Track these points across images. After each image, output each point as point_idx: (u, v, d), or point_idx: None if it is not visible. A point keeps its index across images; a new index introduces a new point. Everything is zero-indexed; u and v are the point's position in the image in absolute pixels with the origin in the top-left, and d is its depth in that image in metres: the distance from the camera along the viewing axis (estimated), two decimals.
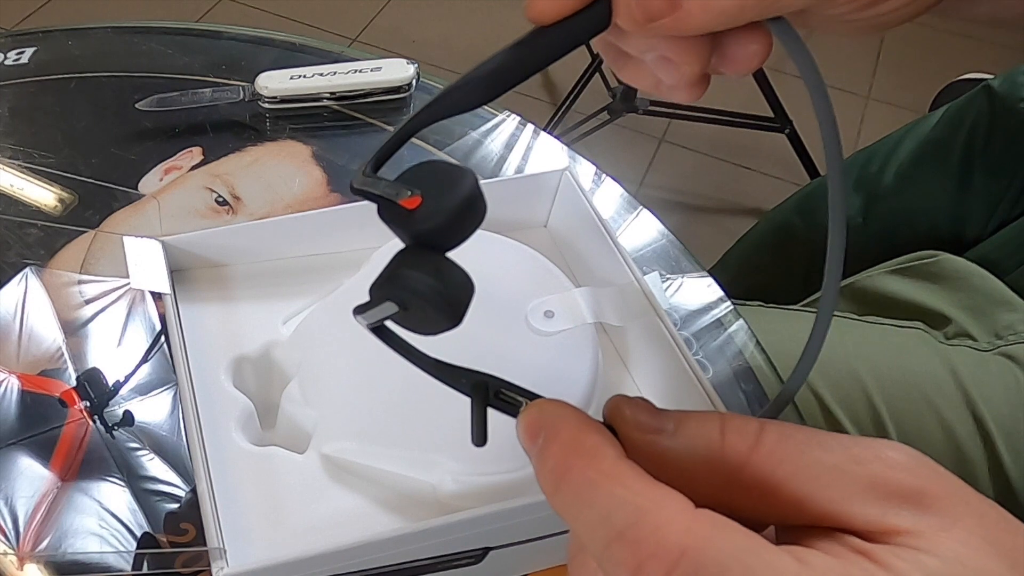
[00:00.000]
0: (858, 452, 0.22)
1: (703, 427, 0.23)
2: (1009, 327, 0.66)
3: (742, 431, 0.22)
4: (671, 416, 0.23)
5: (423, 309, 0.25)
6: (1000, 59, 1.77)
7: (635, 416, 0.24)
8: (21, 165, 0.62)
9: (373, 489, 0.41)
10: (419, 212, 0.24)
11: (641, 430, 0.23)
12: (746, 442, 0.22)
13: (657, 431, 0.23)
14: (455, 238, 0.25)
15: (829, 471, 0.21)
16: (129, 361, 0.51)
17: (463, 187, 0.25)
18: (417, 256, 0.25)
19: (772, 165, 1.61)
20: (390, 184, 0.25)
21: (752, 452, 0.22)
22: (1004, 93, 0.76)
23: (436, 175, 0.25)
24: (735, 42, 0.27)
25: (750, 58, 0.27)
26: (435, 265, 0.25)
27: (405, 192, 0.25)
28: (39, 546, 0.44)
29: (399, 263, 0.26)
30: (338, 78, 0.66)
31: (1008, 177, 0.76)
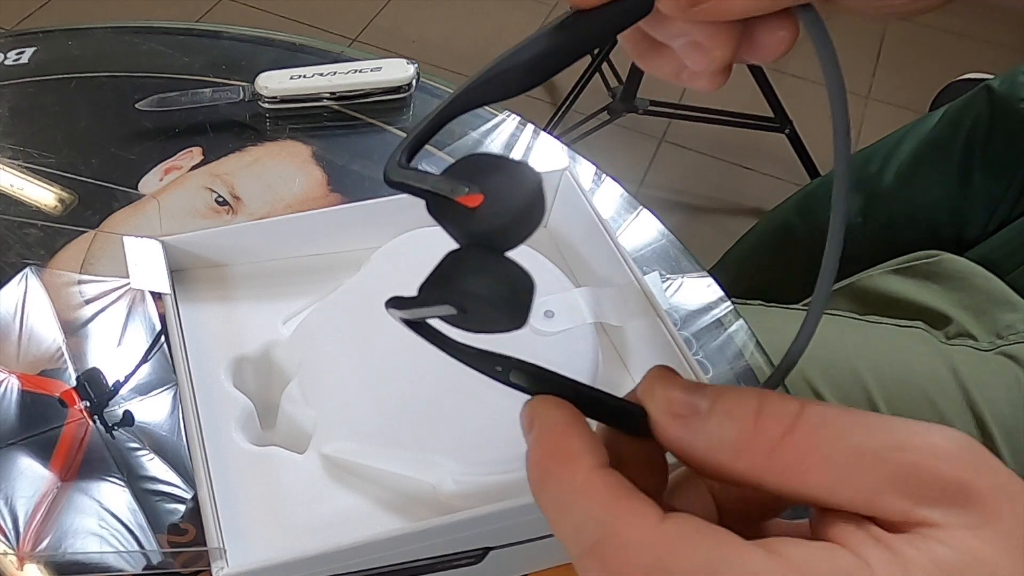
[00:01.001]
0: (903, 438, 0.21)
1: (737, 407, 0.22)
2: (1010, 327, 0.66)
3: (778, 414, 0.22)
4: (706, 393, 0.23)
5: (485, 312, 0.24)
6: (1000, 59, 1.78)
7: (667, 394, 0.23)
8: (21, 165, 0.62)
9: (373, 489, 0.41)
10: (481, 211, 0.22)
11: (671, 412, 0.23)
12: (781, 425, 0.21)
13: (688, 413, 0.22)
14: (518, 239, 0.23)
15: (865, 458, 0.21)
16: (129, 361, 0.51)
17: (528, 184, 0.23)
18: (477, 257, 0.24)
19: (772, 165, 1.61)
20: (441, 179, 0.23)
21: (786, 436, 0.21)
22: (1004, 93, 0.76)
23: (494, 170, 0.23)
24: (765, 28, 0.27)
25: (777, 44, 0.27)
26: (498, 267, 0.24)
27: (462, 188, 0.23)
28: (39, 546, 0.44)
29: (456, 264, 0.24)
30: (338, 78, 0.66)
31: (1008, 177, 0.76)
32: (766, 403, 0.22)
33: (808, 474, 0.21)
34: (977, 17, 1.93)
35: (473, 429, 0.41)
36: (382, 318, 0.44)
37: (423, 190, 0.23)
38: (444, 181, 0.23)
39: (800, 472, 0.21)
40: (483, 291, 0.23)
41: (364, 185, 0.62)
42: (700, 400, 0.23)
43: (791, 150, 1.53)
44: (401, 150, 0.25)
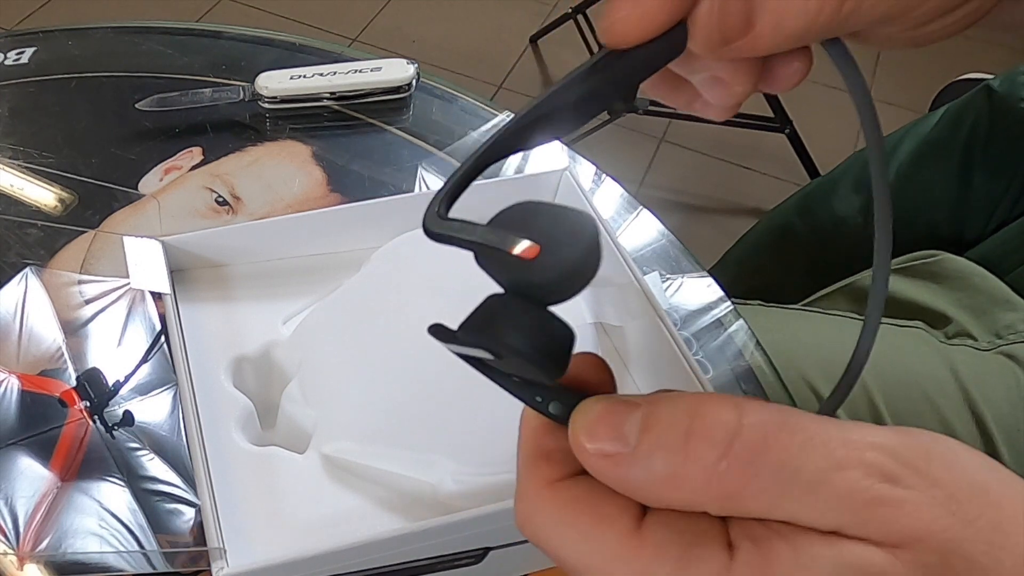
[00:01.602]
0: (843, 455, 0.20)
1: (666, 435, 0.21)
2: (1009, 326, 0.66)
3: (711, 438, 0.20)
4: (635, 421, 0.21)
5: (521, 364, 0.23)
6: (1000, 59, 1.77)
7: (592, 441, 0.22)
8: (21, 165, 0.62)
9: (373, 489, 0.41)
10: (538, 264, 0.21)
11: (600, 456, 0.22)
12: (714, 451, 0.20)
13: (617, 450, 0.21)
14: (571, 292, 0.23)
15: (805, 487, 0.20)
16: (129, 361, 0.51)
17: (586, 236, 0.22)
18: (519, 308, 0.23)
19: (772, 165, 1.61)
20: (489, 230, 0.22)
21: (720, 462, 0.20)
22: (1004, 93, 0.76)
23: (548, 219, 0.22)
24: (782, 61, 0.27)
25: (792, 76, 0.27)
26: (540, 320, 0.23)
27: (516, 240, 0.22)
28: (39, 546, 0.44)
29: (499, 312, 0.23)
30: (338, 78, 0.66)
31: (1008, 177, 0.76)
32: (696, 425, 0.21)
33: (746, 502, 0.20)
34: None
35: (473, 429, 0.41)
36: (382, 318, 0.44)
37: (472, 242, 0.23)
38: (492, 232, 0.22)
39: (738, 500, 0.21)
40: (523, 346, 0.23)
41: (364, 185, 0.62)
42: (629, 432, 0.21)
43: (791, 150, 1.53)
44: (439, 200, 0.24)
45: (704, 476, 0.20)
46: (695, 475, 0.20)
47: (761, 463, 0.20)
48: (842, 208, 0.84)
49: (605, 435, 0.22)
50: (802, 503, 0.20)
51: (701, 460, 0.20)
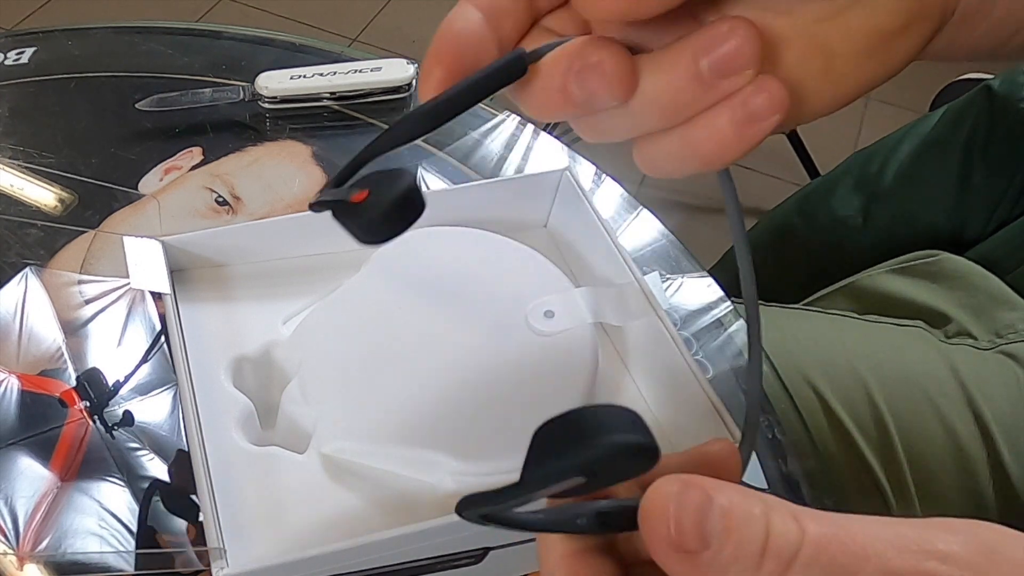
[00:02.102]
0: (898, 565, 0.20)
1: (744, 545, 0.21)
2: (1009, 326, 0.66)
3: (781, 550, 0.21)
4: (715, 524, 0.21)
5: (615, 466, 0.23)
6: None
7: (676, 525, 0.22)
8: (21, 165, 0.62)
9: (373, 489, 0.41)
10: (367, 203, 0.27)
11: (675, 545, 0.21)
12: (781, 563, 0.21)
13: (695, 548, 0.21)
14: (401, 225, 0.27)
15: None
16: (129, 361, 0.51)
17: (404, 182, 0.27)
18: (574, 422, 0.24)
19: (772, 165, 1.61)
20: (340, 190, 0.28)
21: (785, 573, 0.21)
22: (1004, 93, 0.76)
23: (380, 176, 0.28)
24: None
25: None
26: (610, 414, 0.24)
27: (352, 191, 0.27)
28: (39, 546, 0.44)
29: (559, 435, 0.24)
30: (338, 78, 0.66)
31: (1008, 177, 0.76)
32: (771, 537, 0.21)
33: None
34: None
35: (473, 429, 0.41)
36: (382, 318, 0.44)
37: (328, 202, 0.28)
38: (341, 192, 0.28)
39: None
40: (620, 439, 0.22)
41: None
42: (711, 531, 0.21)
43: (791, 150, 1.53)
44: (325, 184, 0.29)
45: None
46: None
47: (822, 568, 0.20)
48: (842, 208, 0.84)
49: (690, 528, 0.21)
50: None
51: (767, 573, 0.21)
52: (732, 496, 0.21)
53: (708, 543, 0.21)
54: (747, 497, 0.21)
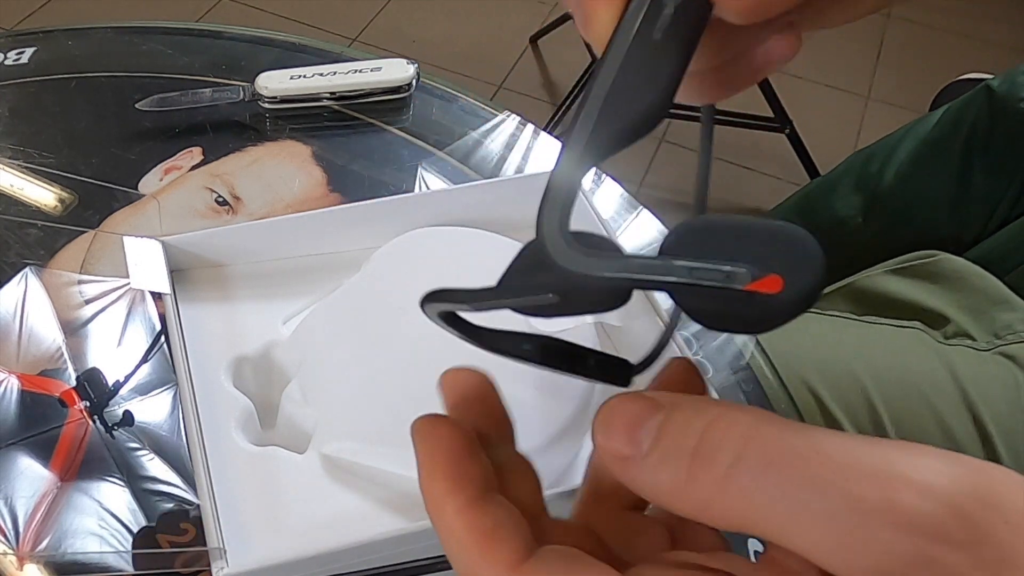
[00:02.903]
0: (863, 491, 0.17)
1: (675, 447, 0.20)
2: (1008, 327, 0.66)
3: (718, 452, 0.19)
4: (651, 427, 0.20)
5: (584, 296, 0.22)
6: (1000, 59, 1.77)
7: (608, 441, 0.21)
8: (21, 165, 0.62)
9: (373, 489, 0.41)
10: (780, 296, 0.18)
11: (613, 455, 0.21)
12: (718, 468, 0.19)
13: (630, 454, 0.21)
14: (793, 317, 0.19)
15: (817, 524, 0.18)
16: (129, 361, 0.51)
17: (813, 252, 0.18)
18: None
19: (772, 165, 1.61)
20: (695, 265, 0.19)
21: (726, 479, 0.19)
22: (1004, 93, 0.77)
23: (748, 238, 0.19)
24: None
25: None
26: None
27: (743, 272, 0.18)
28: (39, 546, 0.44)
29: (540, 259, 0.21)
30: (338, 78, 0.66)
31: (1008, 177, 0.76)
32: (707, 438, 0.19)
33: (754, 522, 0.19)
34: (977, 17, 1.93)
35: None
36: (382, 318, 0.45)
37: (676, 283, 0.19)
38: (706, 268, 0.19)
39: (745, 520, 0.19)
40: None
41: (364, 185, 0.62)
42: (643, 437, 0.21)
43: (791, 150, 1.53)
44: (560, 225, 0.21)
45: (706, 495, 0.19)
46: (696, 494, 0.20)
47: (769, 484, 0.18)
48: (842, 208, 0.84)
49: (619, 436, 0.21)
50: (813, 537, 0.18)
51: (703, 480, 0.19)
52: (678, 407, 0.20)
53: (638, 447, 0.20)
54: (695, 405, 0.20)
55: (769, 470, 0.18)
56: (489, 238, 0.49)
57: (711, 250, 0.19)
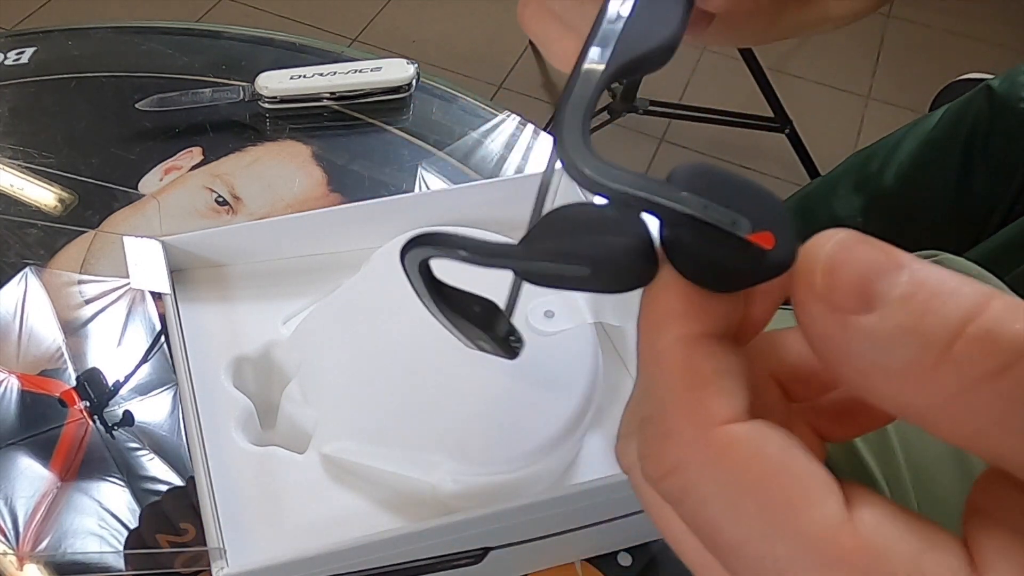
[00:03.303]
0: None
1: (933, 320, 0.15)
2: None
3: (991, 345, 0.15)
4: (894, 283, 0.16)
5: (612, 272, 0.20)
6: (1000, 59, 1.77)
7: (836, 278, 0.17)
8: (21, 165, 0.62)
9: (373, 489, 0.41)
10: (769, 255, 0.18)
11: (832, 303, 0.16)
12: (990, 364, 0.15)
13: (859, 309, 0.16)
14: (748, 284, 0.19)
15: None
16: (129, 361, 0.51)
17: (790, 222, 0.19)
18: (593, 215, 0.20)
19: (772, 165, 1.61)
20: (706, 203, 0.18)
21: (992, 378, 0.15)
22: (1004, 93, 0.77)
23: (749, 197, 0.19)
24: None
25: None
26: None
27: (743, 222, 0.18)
28: (39, 546, 0.44)
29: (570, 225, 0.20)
30: (338, 78, 0.66)
31: (1008, 177, 0.76)
32: (976, 325, 0.15)
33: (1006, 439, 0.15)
34: (977, 17, 1.93)
35: (473, 429, 0.41)
36: (382, 318, 0.44)
37: (687, 215, 0.18)
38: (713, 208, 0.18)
39: (987, 433, 0.15)
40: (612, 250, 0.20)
41: (364, 185, 0.62)
42: (884, 291, 0.16)
43: (791, 150, 1.53)
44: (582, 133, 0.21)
45: (956, 388, 0.15)
46: (946, 383, 0.15)
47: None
48: (842, 208, 0.84)
49: (851, 285, 0.16)
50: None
51: (964, 368, 0.15)
52: (937, 274, 0.16)
53: (871, 304, 0.16)
54: (961, 280, 0.16)
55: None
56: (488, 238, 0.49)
57: (715, 195, 0.18)
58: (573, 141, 0.21)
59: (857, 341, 0.16)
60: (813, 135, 1.54)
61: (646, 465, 0.18)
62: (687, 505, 0.18)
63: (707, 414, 0.17)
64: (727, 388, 0.18)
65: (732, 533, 0.17)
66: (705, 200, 0.18)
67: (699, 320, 0.18)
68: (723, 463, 0.17)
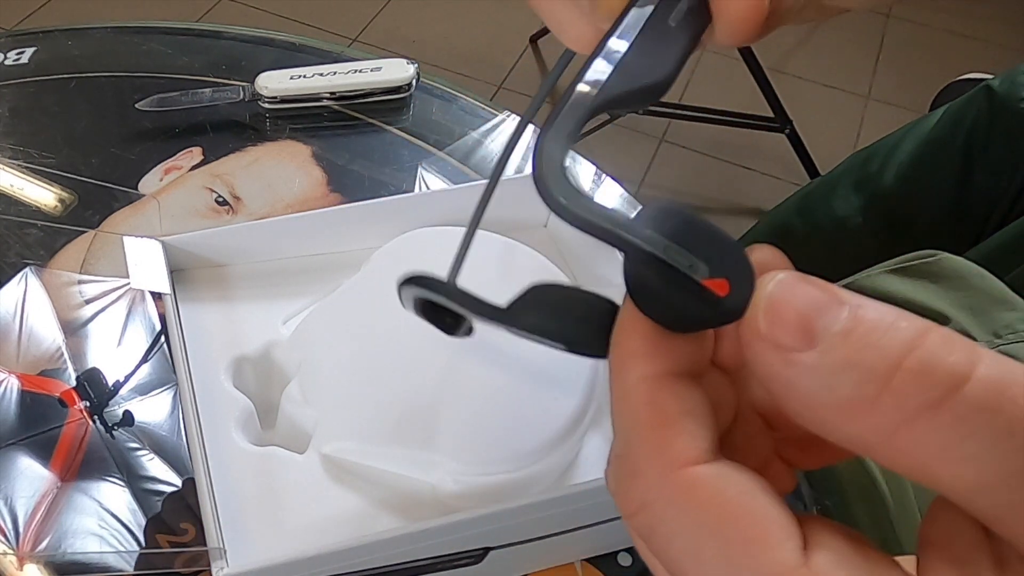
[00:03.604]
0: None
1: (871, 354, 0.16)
2: (1008, 326, 0.66)
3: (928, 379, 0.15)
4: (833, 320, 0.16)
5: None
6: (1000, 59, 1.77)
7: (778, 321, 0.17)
8: (21, 165, 0.62)
9: (373, 489, 0.41)
10: (727, 302, 0.19)
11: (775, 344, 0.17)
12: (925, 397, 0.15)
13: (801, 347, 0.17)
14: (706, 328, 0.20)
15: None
16: (129, 361, 0.51)
17: (751, 272, 0.19)
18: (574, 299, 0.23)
19: (772, 165, 1.61)
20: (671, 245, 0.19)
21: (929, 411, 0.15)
22: (1004, 93, 0.77)
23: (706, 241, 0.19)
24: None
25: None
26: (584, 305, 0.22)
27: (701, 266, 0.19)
28: (39, 546, 0.44)
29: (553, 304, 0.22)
30: (338, 78, 0.66)
31: (1008, 177, 0.76)
32: (915, 358, 0.15)
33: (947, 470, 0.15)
34: (977, 17, 1.93)
35: (473, 429, 0.41)
36: (382, 318, 0.44)
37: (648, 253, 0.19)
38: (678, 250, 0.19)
39: (933, 466, 0.16)
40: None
41: (364, 185, 0.62)
42: (824, 329, 0.16)
43: (791, 150, 1.53)
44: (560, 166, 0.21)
45: (897, 420, 0.15)
46: (887, 415, 0.16)
47: (986, 427, 0.15)
48: (842, 208, 0.84)
49: (791, 323, 0.17)
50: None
51: (903, 401, 0.15)
52: (873, 307, 0.16)
53: (812, 341, 0.16)
54: (898, 313, 0.16)
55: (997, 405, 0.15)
56: (489, 238, 0.49)
57: (680, 238, 0.19)
58: (551, 169, 0.21)
59: (801, 377, 0.17)
60: (813, 135, 1.54)
61: (617, 501, 0.19)
62: (654, 542, 0.18)
63: (671, 455, 0.18)
64: (691, 429, 0.18)
65: (694, 572, 0.18)
66: (667, 241, 0.19)
67: (663, 359, 0.19)
68: (686, 504, 0.18)
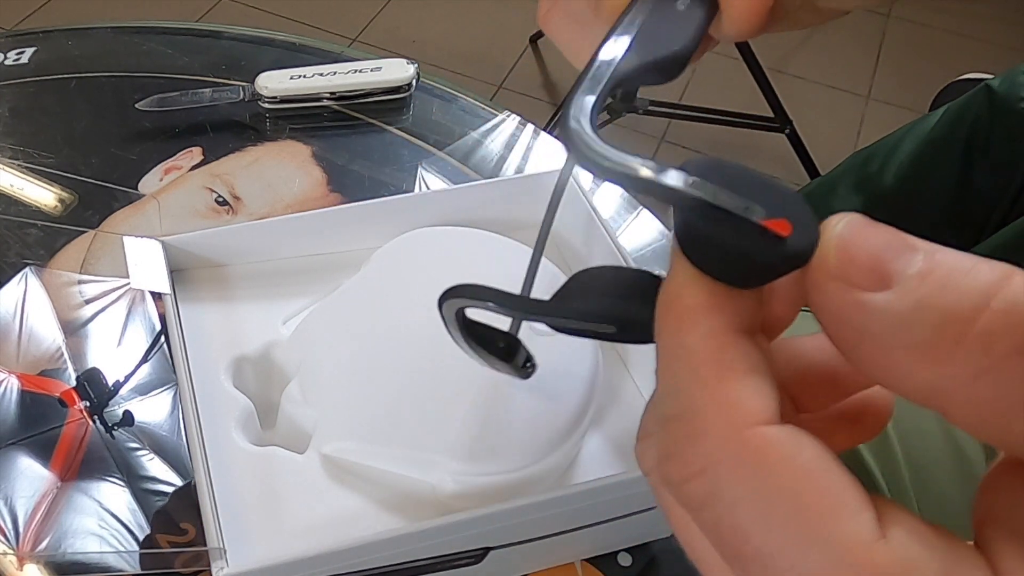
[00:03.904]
0: None
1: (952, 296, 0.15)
2: None
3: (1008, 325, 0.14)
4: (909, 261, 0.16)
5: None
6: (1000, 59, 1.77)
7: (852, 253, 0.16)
8: (21, 165, 0.62)
9: (373, 489, 0.41)
10: (787, 243, 0.17)
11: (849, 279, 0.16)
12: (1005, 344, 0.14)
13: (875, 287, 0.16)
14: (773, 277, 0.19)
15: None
16: (129, 361, 0.51)
17: (812, 216, 0.18)
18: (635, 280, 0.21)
19: (772, 165, 1.61)
20: (720, 189, 0.18)
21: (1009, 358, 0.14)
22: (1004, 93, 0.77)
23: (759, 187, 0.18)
24: None
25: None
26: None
27: (760, 209, 0.17)
28: (39, 546, 0.44)
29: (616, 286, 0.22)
30: (338, 78, 0.66)
31: (1008, 177, 0.76)
32: (1000, 300, 0.15)
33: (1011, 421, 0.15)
34: (977, 17, 1.93)
35: (473, 429, 0.41)
36: (382, 318, 0.44)
37: (699, 200, 0.18)
38: (727, 194, 0.18)
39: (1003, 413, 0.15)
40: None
41: (364, 185, 0.62)
42: (900, 270, 0.16)
43: (791, 150, 1.53)
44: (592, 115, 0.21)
45: (980, 366, 0.15)
46: (969, 360, 0.15)
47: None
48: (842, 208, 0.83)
49: (864, 264, 0.16)
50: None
51: (989, 344, 0.14)
52: (951, 256, 0.16)
53: (887, 282, 0.16)
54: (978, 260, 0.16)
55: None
56: (489, 238, 0.48)
57: (728, 185, 0.18)
58: (581, 126, 0.21)
59: (874, 319, 0.16)
60: (813, 135, 1.54)
61: (670, 466, 0.17)
62: (712, 510, 0.17)
63: (741, 413, 0.16)
64: (760, 387, 0.17)
65: (761, 541, 0.16)
66: (716, 186, 0.18)
67: (727, 314, 0.18)
68: (757, 466, 0.16)
